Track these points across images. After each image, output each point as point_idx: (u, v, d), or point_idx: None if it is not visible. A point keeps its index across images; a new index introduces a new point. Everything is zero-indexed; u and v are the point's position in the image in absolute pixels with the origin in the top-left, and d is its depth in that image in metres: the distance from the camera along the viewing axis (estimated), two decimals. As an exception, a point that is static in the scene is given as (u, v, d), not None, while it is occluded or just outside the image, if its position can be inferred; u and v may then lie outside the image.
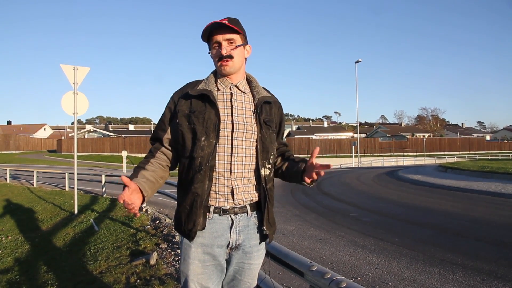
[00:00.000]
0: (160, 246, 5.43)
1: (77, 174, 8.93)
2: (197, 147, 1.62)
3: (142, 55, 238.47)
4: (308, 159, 1.78)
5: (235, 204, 1.68)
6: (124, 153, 27.22)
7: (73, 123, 8.84)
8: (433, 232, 6.69)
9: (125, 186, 1.56)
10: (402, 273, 4.40)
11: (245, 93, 1.76)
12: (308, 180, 1.75)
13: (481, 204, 9.86)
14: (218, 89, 1.73)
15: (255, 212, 1.74)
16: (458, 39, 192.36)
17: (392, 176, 20.49)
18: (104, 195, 11.46)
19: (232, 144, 1.67)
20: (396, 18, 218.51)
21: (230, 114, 1.69)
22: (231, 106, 1.70)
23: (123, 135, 55.35)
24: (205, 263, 1.68)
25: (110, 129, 78.53)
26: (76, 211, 8.42)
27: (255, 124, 1.71)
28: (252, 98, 1.76)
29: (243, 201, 1.69)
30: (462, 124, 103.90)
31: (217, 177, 1.65)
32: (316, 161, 1.74)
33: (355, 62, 40.74)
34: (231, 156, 1.67)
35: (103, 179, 11.80)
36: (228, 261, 1.74)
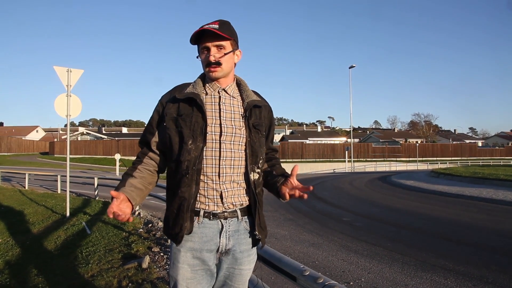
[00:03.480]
0: (152, 249, 5.40)
1: (70, 176, 8.86)
2: (184, 150, 1.62)
3: (137, 57, 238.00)
4: (287, 175, 1.81)
5: (225, 209, 1.67)
6: (117, 156, 27.10)
7: (66, 125, 8.77)
8: (425, 237, 6.73)
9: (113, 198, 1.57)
10: (394, 278, 4.42)
11: (234, 97, 1.76)
12: (287, 197, 1.74)
13: (472, 209, 9.94)
14: (206, 93, 1.73)
15: (246, 216, 1.73)
16: (452, 46, 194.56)
17: (385, 181, 20.58)
18: (97, 198, 11.38)
19: (220, 148, 1.66)
20: (391, 24, 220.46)
21: (218, 118, 1.68)
22: (219, 109, 1.70)
23: (116, 138, 55.08)
24: (195, 267, 1.67)
25: (104, 132, 78.05)
26: (68, 214, 8.35)
27: (244, 128, 1.71)
28: (241, 102, 1.76)
29: (233, 205, 1.69)
30: (455, 130, 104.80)
31: (205, 180, 1.65)
32: (296, 181, 1.77)
33: (349, 67, 40.99)
34: (219, 159, 1.66)
35: (96, 181, 11.72)
36: (218, 266, 1.74)
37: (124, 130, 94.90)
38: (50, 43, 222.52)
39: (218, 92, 1.73)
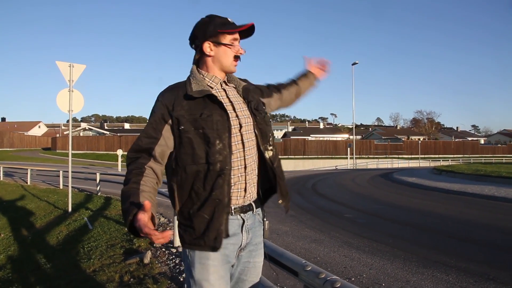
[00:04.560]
0: (154, 245, 5.42)
1: (72, 172, 8.88)
2: (213, 152, 1.53)
3: (140, 54, 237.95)
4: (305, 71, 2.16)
5: (244, 202, 1.66)
6: (120, 152, 27.12)
7: (68, 121, 8.80)
8: (427, 234, 6.73)
9: (134, 214, 1.31)
10: (395, 274, 4.42)
11: (233, 87, 1.76)
12: (318, 72, 2.17)
13: (474, 207, 9.93)
14: (211, 88, 1.69)
15: (259, 209, 1.76)
16: (455, 45, 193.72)
17: (387, 178, 20.56)
18: (99, 194, 11.41)
19: (242, 140, 1.65)
20: (393, 22, 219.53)
21: (233, 111, 1.66)
22: (231, 102, 1.68)
23: (118, 134, 55.18)
24: (223, 266, 1.60)
25: (106, 128, 78.23)
26: (70, 209, 8.37)
27: (250, 114, 1.71)
28: (235, 89, 1.76)
29: (251, 196, 1.69)
30: (457, 127, 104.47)
31: (233, 176, 1.60)
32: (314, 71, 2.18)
33: (352, 64, 40.83)
34: (244, 152, 1.65)
35: (98, 177, 11.74)
36: (236, 263, 1.69)
37: (126, 126, 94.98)
38: (53, 39, 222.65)
39: (221, 85, 1.72)
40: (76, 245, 5.61)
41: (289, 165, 37.90)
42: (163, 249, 5.22)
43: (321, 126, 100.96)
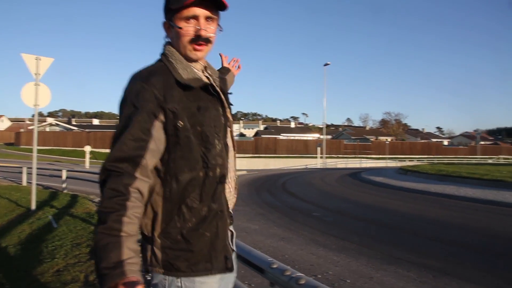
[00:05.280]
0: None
1: (36, 168, 8.60)
2: (213, 154, 1.27)
3: (109, 48, 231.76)
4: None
5: (232, 209, 1.44)
6: (88, 148, 26.44)
7: (33, 115, 8.50)
8: (391, 231, 6.98)
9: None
10: (360, 271, 4.56)
11: (211, 75, 1.44)
12: (233, 69, 2.07)
13: (436, 205, 10.35)
14: None
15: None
16: (422, 47, 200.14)
17: (355, 178, 21.04)
18: (65, 191, 11.09)
19: (232, 137, 1.44)
20: (363, 24, 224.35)
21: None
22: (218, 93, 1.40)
23: (87, 130, 53.70)
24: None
25: (74, 123, 75.87)
26: (33, 207, 8.10)
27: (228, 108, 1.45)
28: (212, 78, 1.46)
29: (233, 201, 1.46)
30: (423, 129, 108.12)
31: (230, 181, 1.39)
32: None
33: (324, 65, 41.48)
34: (234, 150, 1.45)
35: (64, 174, 11.41)
36: None
37: (95, 121, 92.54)
38: (18, 31, 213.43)
39: (203, 72, 1.40)
40: (39, 245, 5.45)
41: (260, 164, 38.05)
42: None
43: (293, 125, 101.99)
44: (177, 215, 1.23)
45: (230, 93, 1.54)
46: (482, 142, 72.19)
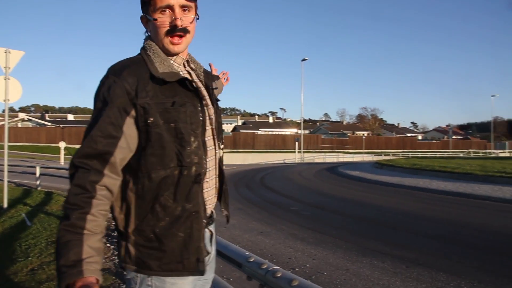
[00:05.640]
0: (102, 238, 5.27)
1: (8, 165, 8.34)
2: (188, 152, 1.22)
3: (84, 41, 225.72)
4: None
5: (213, 208, 1.42)
6: (62, 144, 25.80)
7: (3, 110, 8.23)
8: (367, 224, 7.15)
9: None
10: (337, 263, 4.66)
11: (193, 69, 1.42)
12: (222, 80, 2.08)
13: (410, 198, 10.65)
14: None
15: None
16: (398, 42, 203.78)
17: (332, 172, 21.35)
18: (39, 188, 10.81)
19: (213, 135, 1.39)
20: (340, 19, 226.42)
21: (203, 99, 1.36)
22: (198, 88, 1.36)
23: (61, 125, 52.37)
24: None
25: (47, 119, 73.74)
26: (5, 205, 7.87)
27: (211, 105, 1.40)
28: (195, 73, 1.43)
29: (213, 201, 1.43)
30: (398, 124, 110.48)
31: (208, 180, 1.35)
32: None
33: (302, 60, 41.72)
34: (215, 149, 1.39)
35: (38, 171, 11.11)
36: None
37: (70, 117, 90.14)
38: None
39: (184, 66, 1.37)
40: (12, 243, 5.31)
41: (239, 159, 38.09)
42: (108, 245, 5.10)
43: (271, 120, 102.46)
44: (150, 213, 1.21)
45: (215, 88, 1.50)
46: (454, 137, 74.59)
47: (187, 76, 1.33)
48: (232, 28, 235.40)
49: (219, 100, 1.52)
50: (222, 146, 1.47)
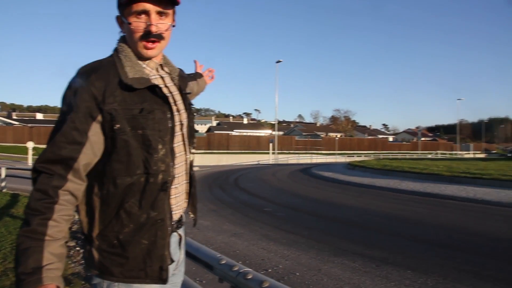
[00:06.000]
0: (67, 243, 5.13)
1: (-30, 167, 7.99)
2: (155, 160, 1.19)
3: (53, 36, 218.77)
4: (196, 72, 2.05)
5: (182, 212, 1.41)
6: (30, 144, 24.88)
7: (-35, 109, 7.87)
8: (339, 225, 7.28)
9: None
10: (309, 263, 4.72)
11: (168, 72, 1.39)
12: (206, 78, 2.08)
13: (381, 199, 10.92)
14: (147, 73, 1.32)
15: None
16: (369, 45, 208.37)
17: (305, 173, 21.59)
18: (4, 190, 10.40)
19: (183, 141, 1.36)
20: (315, 21, 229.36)
21: (174, 104, 1.33)
22: (171, 93, 1.34)
23: (29, 125, 50.58)
24: None
25: (14, 118, 71.08)
26: (-33, 208, 7.53)
27: (184, 109, 1.38)
28: (170, 76, 1.40)
29: (183, 206, 1.42)
30: (370, 126, 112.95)
31: (177, 186, 1.32)
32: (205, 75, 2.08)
33: (276, 62, 41.95)
34: (185, 154, 1.37)
35: (3, 172, 10.69)
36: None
37: (39, 116, 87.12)
38: None
39: (157, 70, 1.35)
40: (-26, 248, 5.09)
41: (213, 160, 37.91)
42: (77, 248, 4.97)
43: (245, 121, 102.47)
44: (115, 219, 1.19)
45: (189, 93, 1.49)
46: (423, 138, 77.11)
47: (159, 81, 1.32)
48: (207, 28, 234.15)
49: (192, 105, 1.49)
50: (193, 150, 1.45)
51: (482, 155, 62.01)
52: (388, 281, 4.09)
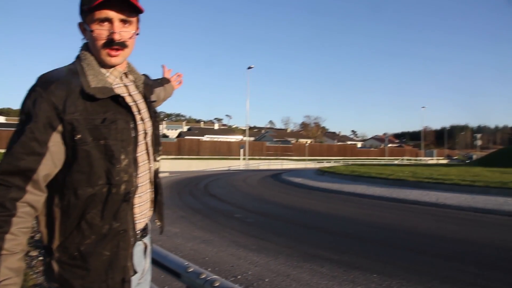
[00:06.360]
0: (29, 253, 4.94)
1: None
2: (118, 170, 1.19)
3: (19, 34, 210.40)
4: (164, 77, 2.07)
5: (147, 221, 1.41)
6: (-13, 150, 23.75)
7: None
8: (308, 230, 7.37)
9: None
10: (278, 269, 4.76)
11: (132, 80, 1.39)
12: (174, 83, 2.10)
13: (349, 204, 11.15)
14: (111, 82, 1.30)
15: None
16: (339, 54, 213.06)
17: (276, 179, 21.72)
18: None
19: (147, 149, 1.35)
20: (285, 28, 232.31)
21: (138, 113, 1.32)
22: (135, 102, 1.33)
23: (-12, 129, 48.26)
24: None
25: (-29, 121, 67.61)
26: None
27: (149, 117, 1.38)
28: (134, 84, 1.39)
29: (147, 215, 1.42)
30: (339, 132, 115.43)
31: (140, 195, 1.32)
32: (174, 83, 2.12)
33: (248, 68, 42.21)
34: (149, 163, 1.37)
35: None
36: None
37: (1, 119, 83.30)
38: None
39: (121, 78, 1.34)
40: None
41: (183, 165, 37.49)
42: (40, 258, 4.80)
43: (216, 126, 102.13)
44: (76, 230, 1.17)
45: (154, 101, 1.48)
46: (390, 145, 79.50)
47: (123, 89, 1.32)
48: (178, 32, 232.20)
49: (157, 112, 1.49)
50: (158, 159, 1.45)
51: (445, 161, 64.62)
52: (355, 285, 4.19)
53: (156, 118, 1.42)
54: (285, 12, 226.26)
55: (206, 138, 63.88)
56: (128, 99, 1.29)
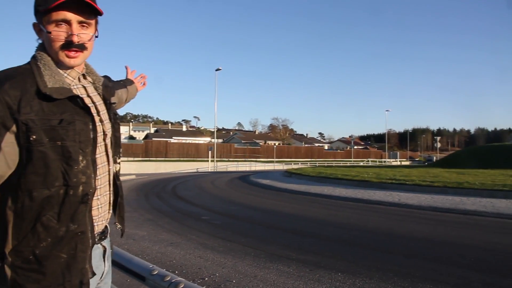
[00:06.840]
0: None
1: None
2: (75, 172, 1.17)
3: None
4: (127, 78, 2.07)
5: (107, 223, 1.40)
6: None
7: None
8: (275, 231, 7.44)
9: None
10: (245, 271, 4.78)
11: (91, 82, 1.37)
12: (138, 84, 2.10)
13: (315, 205, 11.35)
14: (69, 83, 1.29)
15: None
16: (305, 57, 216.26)
17: (244, 181, 21.76)
18: None
19: (107, 151, 1.35)
20: (253, 29, 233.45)
21: (97, 115, 1.31)
22: (93, 103, 1.32)
23: None
24: None
25: None
26: None
27: (109, 119, 1.38)
28: (93, 85, 1.38)
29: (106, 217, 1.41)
30: (307, 134, 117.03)
31: (99, 197, 1.30)
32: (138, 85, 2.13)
33: (216, 70, 42.04)
34: (108, 164, 1.36)
35: None
36: None
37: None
38: None
39: (79, 79, 1.31)
40: None
41: (151, 168, 36.88)
42: None
43: (184, 128, 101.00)
44: (31, 233, 1.14)
45: (114, 103, 1.46)
46: (356, 147, 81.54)
47: (81, 90, 1.30)
48: (147, 33, 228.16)
49: (117, 114, 1.49)
50: (119, 161, 1.44)
51: (407, 163, 67.02)
52: (320, 284, 4.28)
53: (116, 120, 1.42)
54: (252, 13, 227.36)
55: (174, 140, 63.08)
56: (87, 100, 1.28)
